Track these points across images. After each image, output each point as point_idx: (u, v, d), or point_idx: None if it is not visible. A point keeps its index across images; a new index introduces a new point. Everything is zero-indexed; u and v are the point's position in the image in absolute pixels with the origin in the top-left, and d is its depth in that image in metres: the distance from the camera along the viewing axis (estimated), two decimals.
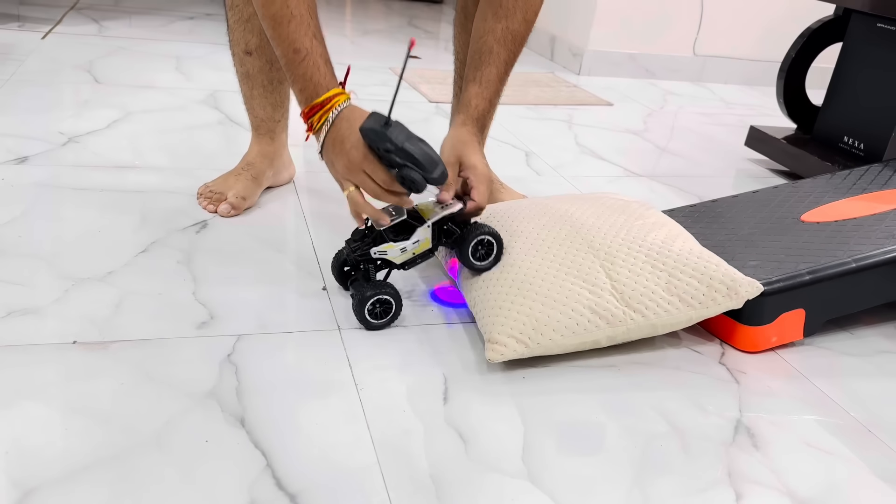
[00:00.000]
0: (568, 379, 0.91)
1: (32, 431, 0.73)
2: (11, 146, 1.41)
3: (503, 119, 2.00)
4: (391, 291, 0.96)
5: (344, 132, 0.92)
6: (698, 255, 0.99)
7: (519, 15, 1.08)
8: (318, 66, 0.94)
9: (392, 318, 0.97)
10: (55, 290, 0.97)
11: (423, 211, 1.00)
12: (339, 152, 0.93)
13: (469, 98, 1.07)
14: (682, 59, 2.83)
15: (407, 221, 0.98)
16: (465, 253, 0.99)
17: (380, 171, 0.91)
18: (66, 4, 2.78)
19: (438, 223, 0.99)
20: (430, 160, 0.90)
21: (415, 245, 0.98)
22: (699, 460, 0.80)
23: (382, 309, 0.96)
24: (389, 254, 0.98)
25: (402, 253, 0.98)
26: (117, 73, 1.99)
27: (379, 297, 0.95)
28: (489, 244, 0.99)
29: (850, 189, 1.29)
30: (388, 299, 0.96)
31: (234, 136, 1.62)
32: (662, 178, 1.71)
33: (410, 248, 0.98)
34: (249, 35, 1.20)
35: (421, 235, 0.98)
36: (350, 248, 1.00)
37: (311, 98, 0.95)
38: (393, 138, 0.89)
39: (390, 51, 2.68)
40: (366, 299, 0.94)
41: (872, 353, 1.05)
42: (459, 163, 1.02)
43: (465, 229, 0.99)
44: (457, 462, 0.75)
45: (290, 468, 0.72)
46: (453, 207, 0.99)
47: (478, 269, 1.00)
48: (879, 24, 1.64)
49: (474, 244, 0.98)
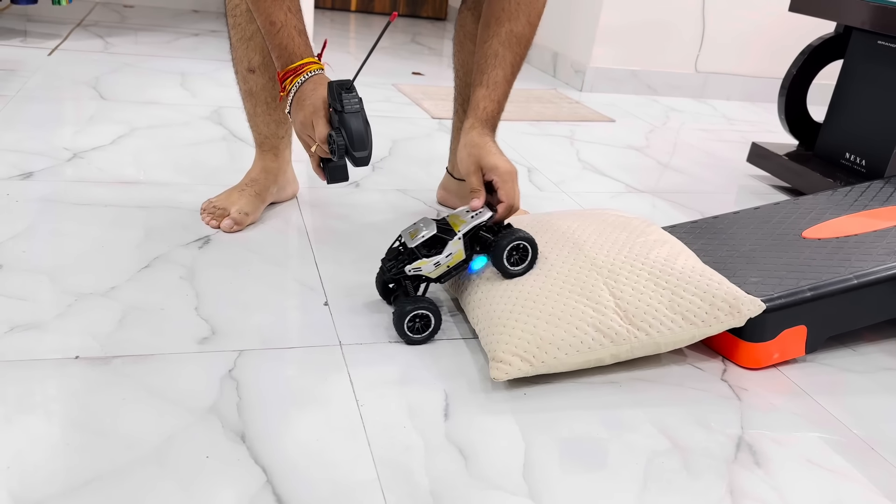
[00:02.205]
0: (569, 395, 0.91)
1: (34, 446, 0.73)
2: (16, 161, 1.42)
3: (505, 135, 2.00)
4: (430, 306, 0.97)
5: (307, 92, 1.00)
6: (700, 273, 0.99)
7: (522, 18, 1.09)
8: (292, 37, 1.03)
9: (432, 332, 0.98)
10: (58, 306, 0.97)
11: (454, 223, 1.00)
12: (299, 109, 1.01)
13: (477, 101, 1.08)
14: (684, 76, 2.84)
15: (438, 236, 0.99)
16: (500, 259, 0.99)
17: (321, 125, 0.98)
18: (72, 21, 2.81)
19: (470, 233, 1.00)
20: (360, 138, 0.95)
21: (448, 258, 0.99)
22: (701, 478, 0.79)
23: (422, 324, 0.97)
24: (424, 269, 0.99)
25: (436, 267, 0.99)
26: (122, 90, 2.00)
27: (417, 313, 0.96)
28: (524, 249, 0.99)
29: (851, 205, 1.29)
30: (426, 314, 0.97)
31: (237, 153, 1.63)
32: (664, 194, 1.71)
33: (444, 261, 0.99)
34: (252, 53, 1.21)
35: (453, 248, 0.99)
36: (385, 266, 1.02)
37: (285, 64, 1.03)
38: (343, 101, 0.95)
39: (394, 67, 2.70)
40: (404, 314, 0.96)
41: (874, 369, 1.05)
42: (480, 168, 1.02)
43: (499, 235, 0.99)
44: (457, 479, 0.75)
45: (290, 484, 0.72)
46: (482, 217, 1.00)
47: (513, 274, 1.00)
48: (880, 42, 1.65)
49: (509, 250, 0.99)
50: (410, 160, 1.72)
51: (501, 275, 1.01)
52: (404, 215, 1.40)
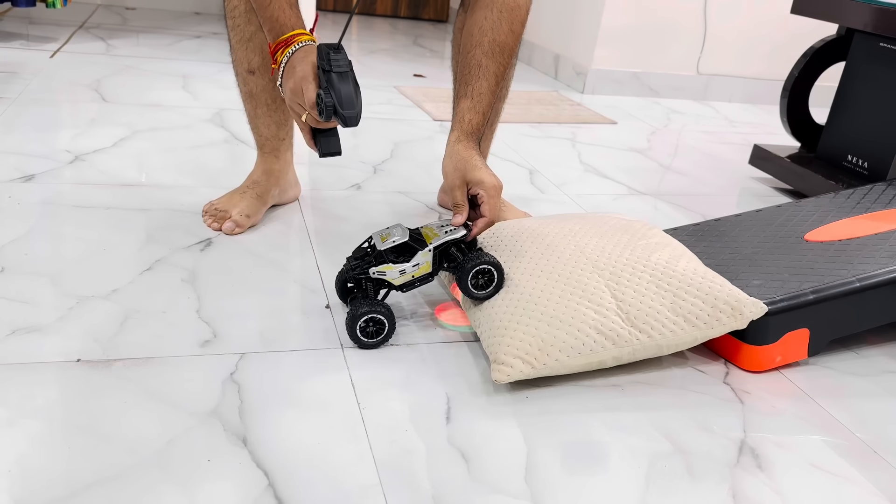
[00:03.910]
0: (571, 399, 0.91)
1: (35, 450, 0.73)
2: (18, 164, 1.43)
3: (507, 137, 2.00)
4: (384, 311, 0.95)
5: (297, 62, 1.00)
6: (702, 276, 0.99)
7: (504, 27, 1.09)
8: (283, 10, 1.04)
9: (385, 338, 0.96)
10: (59, 309, 0.97)
11: (427, 235, 1.00)
12: (289, 77, 1.00)
13: (462, 113, 1.08)
14: (686, 78, 2.84)
15: (408, 244, 0.98)
16: (465, 281, 0.98)
17: (310, 89, 0.97)
18: (74, 24, 2.81)
19: (441, 248, 0.99)
20: (349, 97, 0.95)
21: (414, 268, 0.98)
22: (703, 481, 0.79)
23: (375, 328, 0.95)
24: (388, 275, 0.98)
25: (400, 275, 0.98)
26: (124, 92, 2.00)
27: (372, 316, 0.94)
28: (489, 273, 0.98)
29: (853, 208, 1.29)
30: (381, 318, 0.95)
31: (239, 155, 1.63)
32: (666, 196, 1.71)
33: (410, 270, 0.98)
34: (252, 54, 1.21)
35: (421, 259, 0.98)
36: (350, 265, 1.00)
37: (277, 36, 1.04)
38: (331, 61, 0.95)
39: (395, 70, 2.70)
40: (358, 317, 0.94)
41: (877, 372, 1.05)
42: (465, 182, 1.02)
43: (466, 257, 0.98)
44: (459, 482, 0.75)
45: (291, 488, 0.72)
46: (456, 234, 0.99)
47: (477, 297, 0.99)
48: (882, 44, 1.65)
49: (474, 272, 0.98)
50: (412, 162, 1.72)
51: (465, 296, 1.00)
52: (405, 217, 1.40)
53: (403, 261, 0.98)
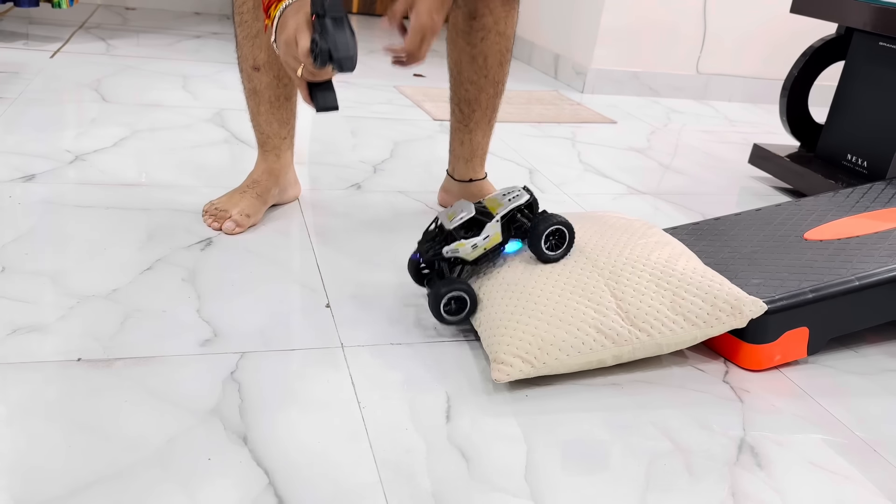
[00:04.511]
0: (571, 397, 0.91)
1: (36, 449, 0.73)
2: (19, 164, 1.43)
3: (507, 136, 2.01)
4: (465, 287, 0.97)
5: (290, 15, 0.99)
6: (702, 275, 0.99)
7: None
8: None
9: (468, 313, 0.99)
10: (60, 308, 0.97)
11: (492, 206, 1.01)
12: (282, 30, 0.99)
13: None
14: (686, 77, 2.84)
15: (476, 217, 1.00)
16: (538, 245, 0.99)
17: (304, 38, 0.96)
18: (74, 24, 2.81)
19: (508, 216, 1.00)
20: (344, 41, 0.94)
21: (485, 241, 1.00)
22: (703, 480, 0.79)
23: (458, 306, 0.98)
24: (461, 252, 0.99)
25: (473, 249, 0.99)
26: (124, 92, 2.01)
27: (453, 294, 0.97)
28: (561, 234, 1.00)
29: (853, 207, 1.29)
30: (462, 295, 0.97)
31: (239, 155, 1.64)
32: (666, 195, 1.71)
33: (481, 244, 1.00)
34: (258, 51, 1.21)
35: (491, 231, 0.99)
36: (422, 248, 1.02)
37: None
38: (327, 6, 0.94)
39: (395, 69, 2.70)
40: (440, 296, 0.96)
41: (877, 371, 1.05)
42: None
43: (535, 220, 1.00)
44: (459, 481, 0.75)
45: (292, 486, 0.72)
46: (520, 199, 1.00)
47: (549, 259, 1.00)
48: (881, 43, 1.65)
49: (546, 234, 0.99)
50: (412, 162, 1.72)
51: (538, 259, 1.01)
52: (405, 217, 1.40)
53: (473, 235, 0.99)
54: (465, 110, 1.35)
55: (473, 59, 1.29)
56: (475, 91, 1.32)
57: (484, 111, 1.34)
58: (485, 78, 1.31)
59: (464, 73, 1.31)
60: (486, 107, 1.34)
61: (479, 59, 1.29)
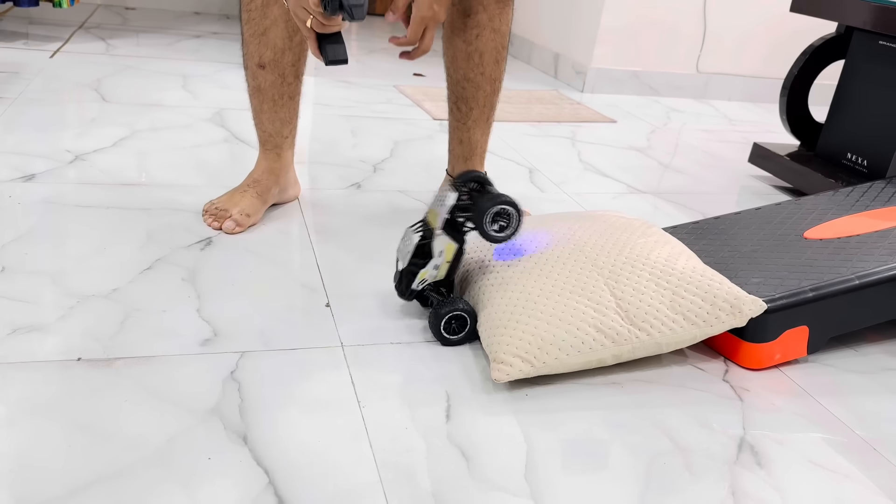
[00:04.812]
0: (571, 397, 0.91)
1: (36, 448, 0.73)
2: (19, 164, 1.43)
3: (507, 136, 2.01)
4: (465, 307, 0.98)
5: None
6: (701, 274, 0.99)
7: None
8: None
9: (468, 333, 0.99)
10: (60, 308, 0.97)
11: (432, 220, 1.00)
12: None
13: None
14: (686, 77, 2.84)
15: (420, 243, 0.99)
16: (483, 229, 0.97)
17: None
18: (74, 23, 2.81)
19: (448, 222, 0.99)
20: None
21: (441, 256, 0.99)
22: (703, 479, 0.79)
23: (458, 324, 0.98)
24: (428, 278, 0.99)
25: (437, 269, 0.99)
26: (124, 92, 2.01)
27: (454, 314, 0.97)
28: (506, 214, 0.97)
29: (853, 206, 1.29)
30: (462, 315, 0.98)
31: (239, 154, 1.64)
32: (666, 194, 1.71)
33: (440, 261, 0.99)
34: (264, 49, 1.22)
35: (440, 245, 0.99)
36: (401, 292, 1.03)
37: None
38: None
39: (395, 69, 2.70)
40: (440, 317, 0.97)
41: (877, 370, 1.05)
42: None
43: (477, 204, 0.97)
44: (459, 480, 0.75)
45: (292, 486, 0.72)
46: (449, 199, 0.99)
47: (497, 239, 0.98)
48: (881, 42, 1.65)
49: (492, 215, 0.96)
50: (412, 161, 1.72)
51: (486, 240, 0.99)
52: (405, 216, 1.40)
53: (429, 258, 0.99)
54: (462, 108, 1.35)
55: (469, 57, 1.29)
56: (472, 89, 1.32)
57: (482, 109, 1.34)
58: (481, 75, 1.31)
59: (460, 71, 1.31)
60: (483, 104, 1.34)
61: (475, 57, 1.29)
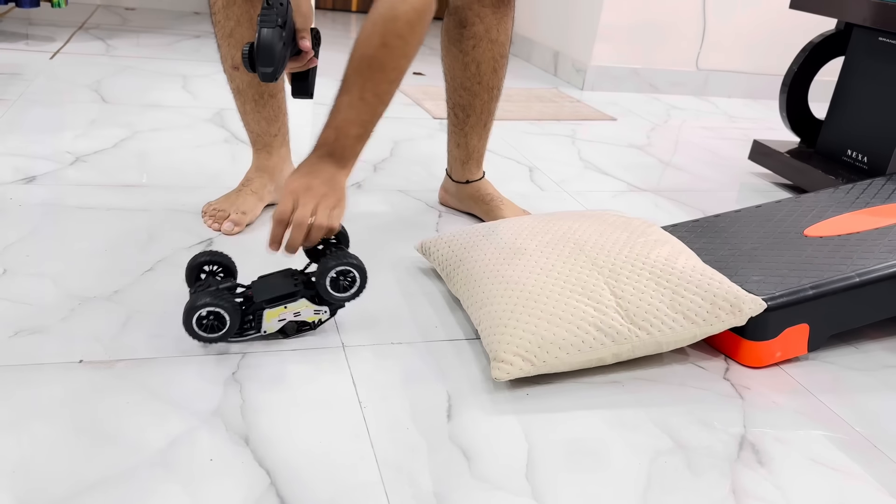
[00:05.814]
0: (572, 396, 0.91)
1: (39, 450, 0.73)
2: (19, 166, 1.43)
3: (506, 134, 2.01)
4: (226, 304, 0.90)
5: None
6: (701, 273, 0.99)
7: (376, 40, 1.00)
8: None
9: (226, 333, 0.91)
10: (62, 310, 0.98)
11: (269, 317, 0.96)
12: None
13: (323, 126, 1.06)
14: (686, 74, 2.84)
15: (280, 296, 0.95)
16: (326, 290, 0.94)
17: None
18: (73, 24, 2.81)
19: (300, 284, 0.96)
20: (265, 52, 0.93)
21: (296, 310, 0.96)
22: (704, 477, 0.80)
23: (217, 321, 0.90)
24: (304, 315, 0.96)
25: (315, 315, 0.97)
26: (124, 93, 2.01)
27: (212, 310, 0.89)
28: (349, 274, 0.94)
29: (853, 203, 1.29)
30: (220, 312, 0.90)
31: (239, 155, 1.64)
32: (666, 192, 1.71)
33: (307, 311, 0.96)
34: (234, 50, 1.21)
35: (296, 307, 0.95)
36: None
37: None
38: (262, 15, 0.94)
39: None
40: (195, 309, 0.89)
41: (877, 367, 1.05)
42: None
43: (320, 262, 0.94)
44: (460, 480, 0.75)
45: (294, 486, 0.72)
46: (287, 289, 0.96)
47: (336, 300, 0.95)
48: (881, 38, 1.65)
49: (335, 274, 0.94)
50: (412, 161, 1.73)
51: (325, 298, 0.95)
52: (405, 216, 1.40)
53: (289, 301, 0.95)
54: (459, 115, 1.35)
55: (466, 67, 1.29)
56: (469, 97, 1.32)
57: (479, 116, 1.34)
58: (478, 84, 1.30)
59: (457, 80, 1.31)
60: (480, 112, 1.34)
61: (472, 67, 1.28)
